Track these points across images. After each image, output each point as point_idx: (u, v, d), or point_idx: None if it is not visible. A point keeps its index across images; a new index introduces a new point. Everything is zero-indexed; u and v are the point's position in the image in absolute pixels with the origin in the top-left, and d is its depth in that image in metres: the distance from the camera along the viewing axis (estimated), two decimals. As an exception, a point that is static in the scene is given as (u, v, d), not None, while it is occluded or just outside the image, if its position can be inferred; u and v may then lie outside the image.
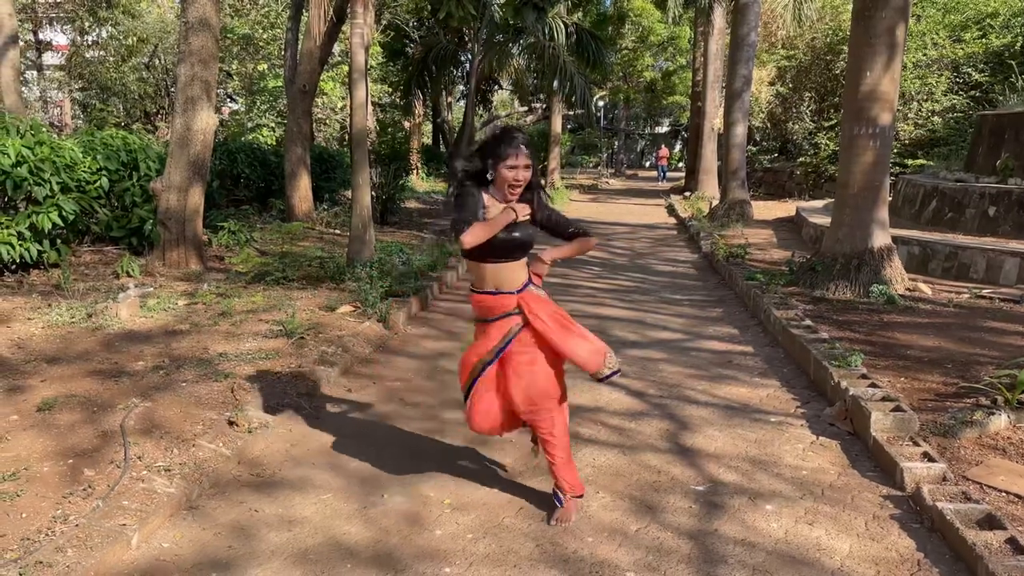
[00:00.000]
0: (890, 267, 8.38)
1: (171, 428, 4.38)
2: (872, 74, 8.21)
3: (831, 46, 22.56)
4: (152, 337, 6.19)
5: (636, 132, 50.22)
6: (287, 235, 11.34)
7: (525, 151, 3.38)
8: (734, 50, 17.11)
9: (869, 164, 8.36)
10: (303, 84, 13.36)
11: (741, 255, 10.62)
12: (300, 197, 13.43)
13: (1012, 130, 11.16)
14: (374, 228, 9.53)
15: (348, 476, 4.09)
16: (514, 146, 3.37)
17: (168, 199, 8.90)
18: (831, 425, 4.85)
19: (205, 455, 4.13)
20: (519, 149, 3.37)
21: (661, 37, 37.28)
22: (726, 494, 3.92)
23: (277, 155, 15.02)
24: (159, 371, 5.34)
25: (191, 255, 9.09)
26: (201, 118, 8.92)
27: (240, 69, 22.15)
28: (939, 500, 3.60)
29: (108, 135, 9.77)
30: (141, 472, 3.84)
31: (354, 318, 7.12)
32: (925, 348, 6.22)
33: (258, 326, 6.62)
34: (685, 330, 7.42)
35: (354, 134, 9.25)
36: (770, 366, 6.20)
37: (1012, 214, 10.31)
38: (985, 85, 18.61)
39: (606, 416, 5.03)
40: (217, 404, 4.80)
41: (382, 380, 5.74)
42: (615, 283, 9.91)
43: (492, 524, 3.59)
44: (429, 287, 8.53)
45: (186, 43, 8.88)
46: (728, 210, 16.21)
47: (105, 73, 23.11)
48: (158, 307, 7.10)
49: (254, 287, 8.19)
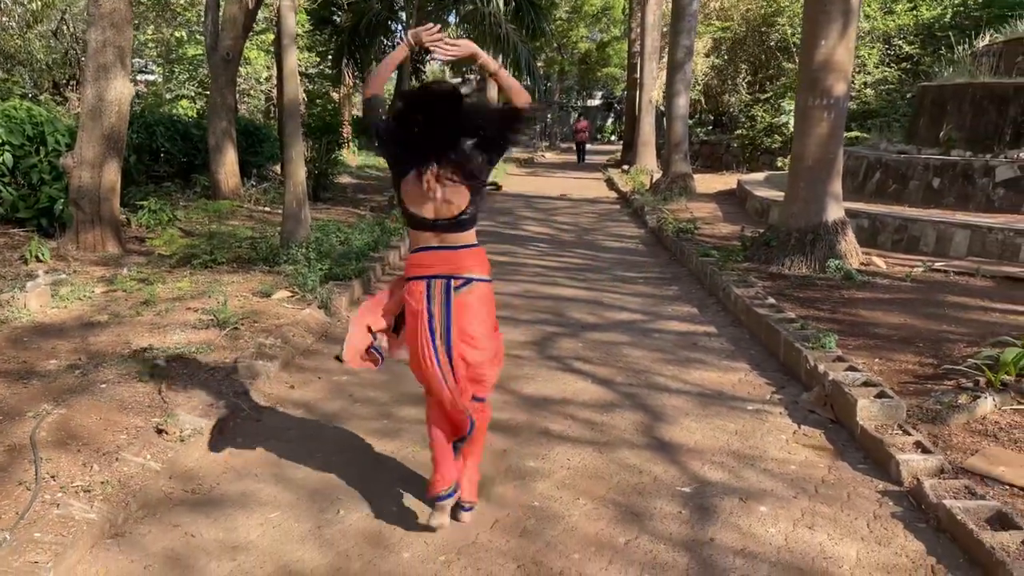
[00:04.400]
0: (845, 241, 8.25)
1: (90, 439, 3.84)
2: (827, 43, 7.99)
3: (765, 17, 22.56)
4: (66, 330, 5.56)
5: (569, 105, 49.90)
6: (214, 213, 10.63)
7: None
8: (676, 20, 16.84)
9: (824, 136, 8.18)
10: (226, 52, 12.54)
11: (691, 230, 10.40)
12: (227, 173, 12.65)
13: (954, 102, 11.19)
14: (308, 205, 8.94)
15: (297, 489, 3.64)
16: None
17: (80, 176, 8.15)
18: (811, 412, 4.60)
19: (131, 470, 3.60)
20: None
21: (595, 8, 36.96)
22: (715, 495, 3.61)
23: (199, 128, 14.13)
24: (75, 371, 4.75)
25: (108, 237, 8.37)
26: (115, 87, 8.17)
27: (156, 36, 20.87)
28: (944, 497, 3.36)
29: (11, 106, 8.89)
30: (56, 494, 3.30)
31: (292, 304, 6.59)
32: (893, 326, 6.05)
33: (186, 315, 6.04)
34: (644, 310, 7.12)
35: (286, 104, 8.62)
36: (737, 348, 5.94)
37: (956, 185, 10.34)
38: (916, 57, 18.84)
39: (575, 408, 4.67)
40: (143, 409, 4.25)
41: (327, 374, 5.26)
42: (565, 260, 9.56)
43: (465, 542, 3.19)
44: (371, 269, 8.02)
45: (96, 5, 8.09)
46: (671, 184, 16.02)
47: (8, 40, 21.49)
48: (72, 296, 6.44)
49: (180, 271, 7.56)
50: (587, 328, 6.46)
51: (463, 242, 3.18)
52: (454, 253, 3.18)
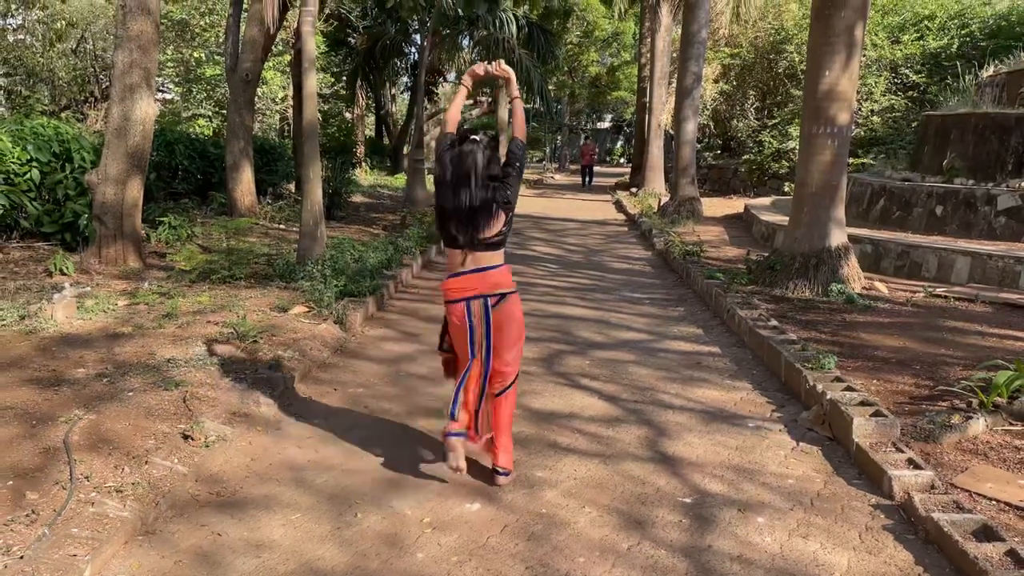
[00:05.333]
0: (847, 266, 8.43)
1: (120, 443, 4.04)
2: (831, 73, 8.22)
3: (774, 44, 22.88)
4: (92, 341, 5.78)
5: (579, 127, 50.33)
6: (231, 230, 10.87)
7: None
8: (684, 47, 17.14)
9: (827, 163, 8.39)
10: (245, 73, 12.87)
11: (697, 253, 10.60)
12: (243, 190, 12.94)
13: (957, 131, 11.39)
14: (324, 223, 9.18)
15: (316, 493, 3.83)
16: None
17: (104, 192, 8.41)
18: (809, 430, 4.77)
19: (159, 473, 3.80)
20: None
21: (606, 32, 37.40)
22: (715, 506, 3.78)
23: (217, 146, 14.45)
24: (102, 379, 4.97)
25: (129, 252, 8.62)
26: (140, 107, 8.45)
27: (176, 56, 21.30)
28: (932, 510, 3.53)
29: (39, 124, 9.19)
30: (90, 494, 3.50)
31: (309, 319, 6.80)
32: (891, 349, 6.22)
33: (207, 328, 6.25)
34: (649, 330, 7.31)
35: (304, 126, 8.87)
36: (740, 367, 6.12)
37: (959, 213, 10.52)
38: (922, 86, 19.07)
39: (582, 423, 4.86)
40: (169, 415, 4.46)
41: (343, 386, 5.46)
42: (573, 281, 9.76)
43: (476, 544, 3.38)
44: (385, 286, 8.24)
45: (124, 28, 8.39)
46: (679, 207, 16.24)
47: (31, 58, 21.99)
48: (97, 308, 6.67)
49: (199, 286, 7.79)
50: (594, 346, 6.65)
51: (494, 263, 3.81)
52: (486, 275, 3.79)
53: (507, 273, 3.88)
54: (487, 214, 3.70)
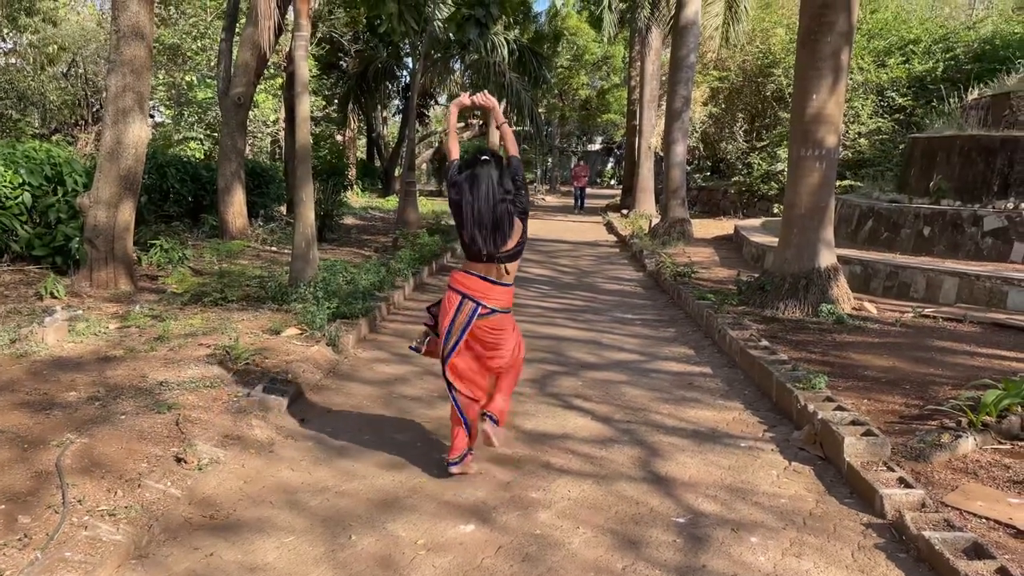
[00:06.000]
0: (837, 287, 8.50)
1: (112, 467, 4.03)
2: (818, 97, 8.34)
3: (762, 68, 23.15)
4: (84, 364, 5.77)
5: (570, 149, 50.67)
6: (223, 253, 10.89)
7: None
8: (674, 71, 17.33)
9: (815, 185, 8.48)
10: (237, 97, 12.94)
11: (688, 274, 10.66)
12: (235, 213, 12.96)
13: (944, 153, 11.54)
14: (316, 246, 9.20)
15: (310, 516, 3.82)
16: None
17: (96, 215, 8.43)
18: (801, 449, 4.80)
19: (152, 496, 3.79)
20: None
21: (596, 56, 37.78)
22: (708, 526, 3.80)
23: (208, 169, 14.49)
24: (94, 402, 4.96)
25: (121, 275, 8.61)
26: (133, 130, 8.49)
27: (167, 79, 21.39)
28: (924, 529, 3.55)
29: (31, 147, 9.21)
30: (83, 517, 3.49)
31: (301, 342, 6.81)
32: (881, 369, 6.27)
33: (199, 351, 6.25)
34: (641, 351, 7.34)
35: (298, 149, 8.93)
36: (731, 388, 6.15)
37: (946, 234, 10.63)
38: (908, 109, 19.33)
39: (575, 444, 4.87)
40: (162, 438, 4.46)
41: (336, 408, 5.46)
42: (565, 302, 9.80)
43: (471, 566, 3.38)
44: (377, 308, 8.25)
45: (117, 52, 8.45)
46: (669, 228, 16.34)
47: (23, 81, 22.02)
48: (88, 331, 6.66)
49: (191, 309, 7.79)
50: (586, 367, 6.68)
51: (504, 280, 4.15)
52: (492, 288, 4.12)
53: (509, 294, 4.23)
54: (508, 224, 4.01)
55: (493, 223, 3.98)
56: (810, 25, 8.40)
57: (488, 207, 3.96)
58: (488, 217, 3.97)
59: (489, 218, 3.97)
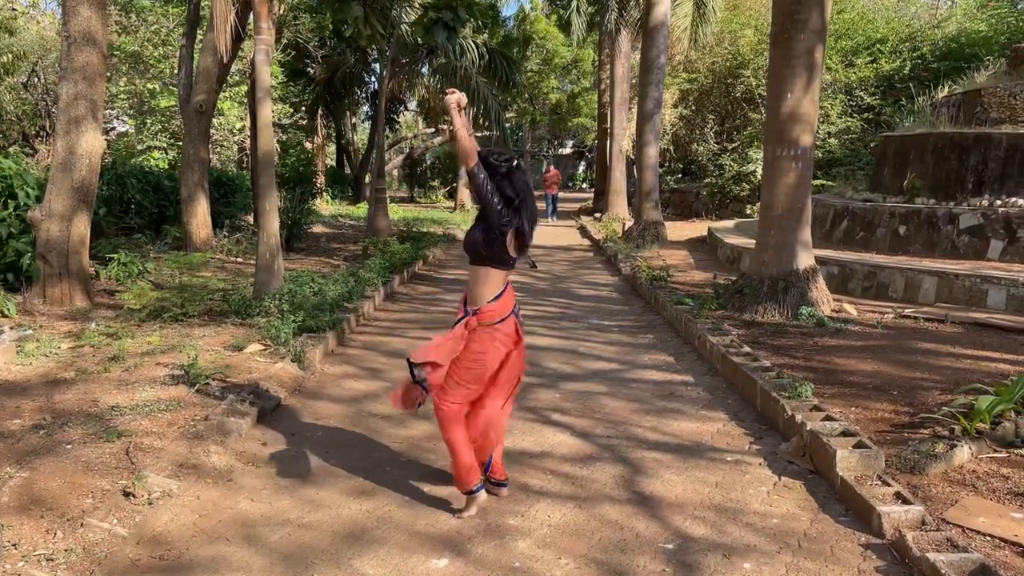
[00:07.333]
0: (816, 288, 8.34)
1: (54, 504, 3.71)
2: (792, 96, 8.18)
3: (731, 70, 23.13)
4: (31, 389, 5.43)
5: (541, 154, 50.50)
6: (185, 265, 10.50)
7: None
8: (644, 73, 17.19)
9: (792, 185, 8.33)
10: (199, 104, 12.56)
11: (664, 278, 10.47)
12: (198, 224, 12.57)
13: (916, 151, 11.47)
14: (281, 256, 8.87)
15: (270, 552, 3.52)
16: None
17: (49, 229, 8.06)
18: (790, 463, 4.58)
19: (96, 536, 3.48)
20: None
21: (565, 60, 37.64)
22: (698, 552, 3.56)
23: (171, 179, 14.08)
24: (39, 431, 4.63)
25: (76, 291, 8.25)
26: (86, 140, 8.14)
27: (129, 88, 20.86)
28: (927, 550, 3.34)
29: (-22, 159, 8.79)
30: (17, 564, 3.18)
31: (265, 358, 6.50)
32: (867, 373, 6.08)
33: (155, 371, 5.92)
34: (620, 359, 7.11)
35: (260, 156, 8.62)
36: (714, 397, 5.93)
37: (922, 232, 10.54)
38: (877, 108, 19.38)
39: (554, 462, 4.61)
40: (110, 470, 4.14)
41: (301, 430, 5.16)
42: (540, 309, 9.55)
43: (445, 606, 3.11)
44: (345, 320, 7.94)
45: (68, 59, 8.10)
46: (643, 231, 16.17)
47: (-23, 91, 21.39)
48: (38, 352, 6.31)
49: (149, 325, 7.45)
50: (563, 378, 6.43)
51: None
52: (513, 292, 3.95)
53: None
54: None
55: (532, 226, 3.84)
56: (783, 23, 8.24)
57: (535, 210, 3.84)
58: (535, 219, 3.86)
59: (535, 220, 3.86)
